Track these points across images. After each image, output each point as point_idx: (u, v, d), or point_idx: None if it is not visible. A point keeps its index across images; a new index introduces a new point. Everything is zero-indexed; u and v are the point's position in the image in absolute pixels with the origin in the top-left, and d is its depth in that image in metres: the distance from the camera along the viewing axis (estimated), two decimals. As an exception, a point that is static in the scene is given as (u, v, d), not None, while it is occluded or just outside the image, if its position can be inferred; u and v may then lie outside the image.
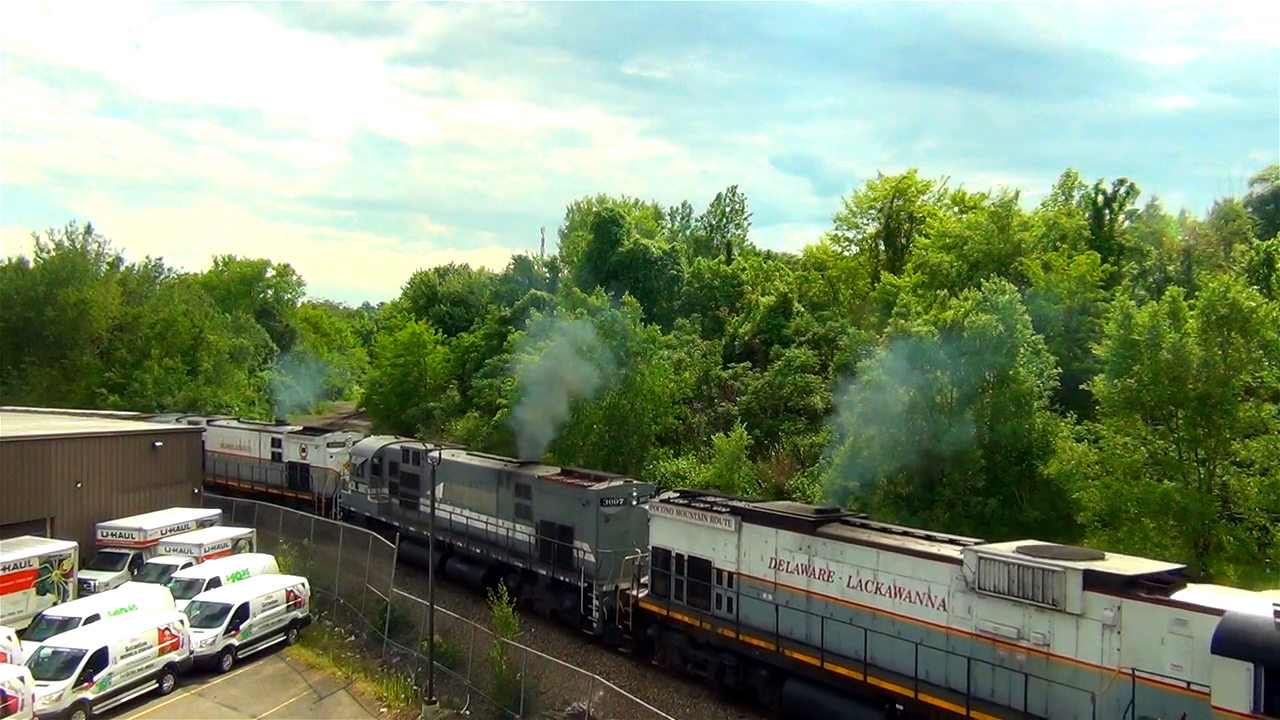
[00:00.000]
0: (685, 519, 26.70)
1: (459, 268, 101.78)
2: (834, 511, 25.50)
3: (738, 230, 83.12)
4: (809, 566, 23.37)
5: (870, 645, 21.56)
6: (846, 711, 22.13)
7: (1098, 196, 49.27)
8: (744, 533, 25.06)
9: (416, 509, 38.86)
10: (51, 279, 69.30)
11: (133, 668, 26.05)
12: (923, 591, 20.92)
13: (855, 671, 21.74)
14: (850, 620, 22.15)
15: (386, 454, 41.50)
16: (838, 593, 22.66)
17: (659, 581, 27.43)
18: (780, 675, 23.91)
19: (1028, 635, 19.01)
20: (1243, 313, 27.49)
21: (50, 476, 35.58)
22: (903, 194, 57.54)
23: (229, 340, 77.45)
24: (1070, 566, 18.52)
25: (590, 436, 45.54)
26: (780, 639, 23.73)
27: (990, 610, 19.62)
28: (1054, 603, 18.53)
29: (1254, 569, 27.81)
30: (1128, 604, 17.59)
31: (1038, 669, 18.72)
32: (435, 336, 72.69)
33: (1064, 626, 18.45)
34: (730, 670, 25.36)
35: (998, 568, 19.46)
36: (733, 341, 57.23)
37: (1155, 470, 28.60)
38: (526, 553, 33.10)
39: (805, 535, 23.59)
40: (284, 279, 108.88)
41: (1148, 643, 17.24)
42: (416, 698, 27.18)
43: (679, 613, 26.64)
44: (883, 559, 21.85)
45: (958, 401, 33.80)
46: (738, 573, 25.10)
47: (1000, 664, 19.38)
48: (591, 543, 30.11)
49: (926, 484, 34.08)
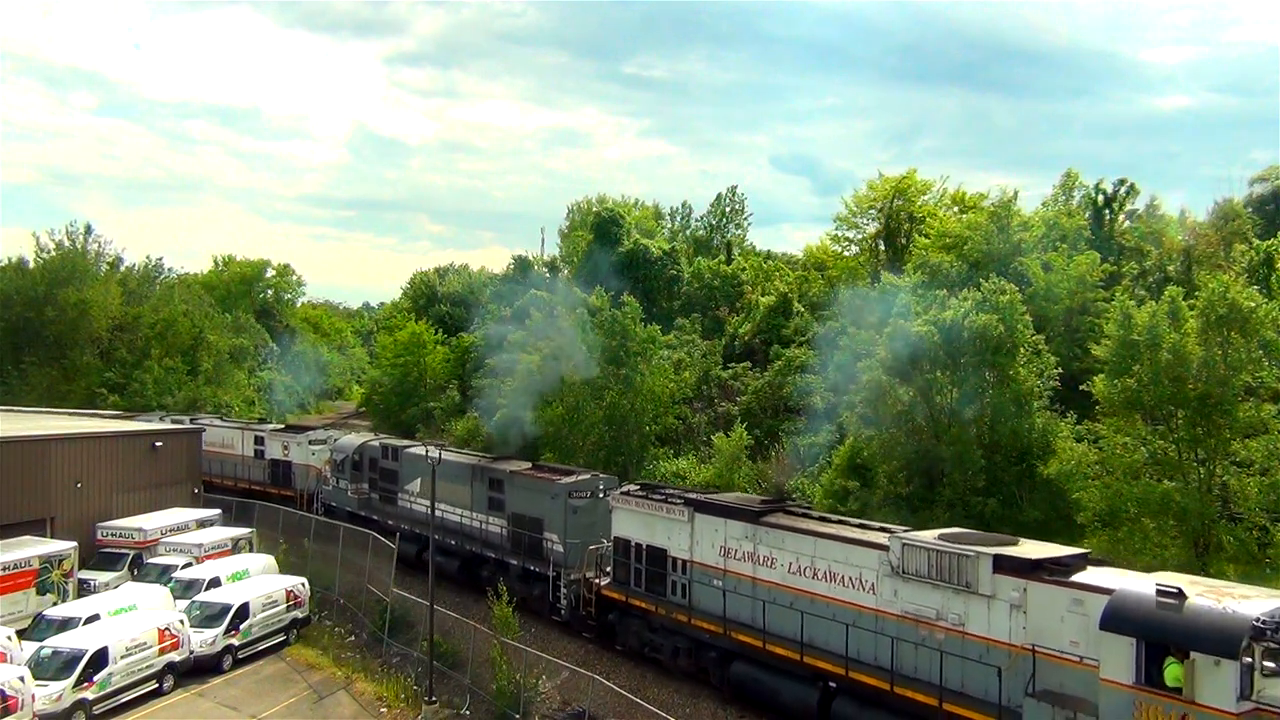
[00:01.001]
0: (644, 510, 28.06)
1: (459, 268, 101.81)
2: (779, 502, 27.38)
3: (738, 230, 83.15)
4: (754, 554, 24.80)
5: (807, 627, 22.99)
6: (786, 689, 23.52)
7: (1098, 196, 49.30)
8: (696, 522, 26.48)
9: (395, 503, 40.57)
10: (51, 279, 69.27)
11: (133, 668, 26.04)
12: (854, 576, 22.30)
13: (793, 652, 23.14)
14: (790, 604, 23.51)
15: (366, 451, 43.11)
16: (779, 578, 24.07)
17: (620, 570, 28.84)
18: (728, 657, 25.21)
19: (946, 616, 20.32)
20: (1242, 313, 27.47)
21: (50, 476, 35.56)
22: (903, 194, 57.54)
23: (229, 340, 77.47)
24: (982, 551, 19.88)
25: (590, 436, 45.55)
26: (728, 622, 25.11)
27: (913, 593, 20.95)
28: (968, 585, 19.87)
29: (1254, 569, 27.79)
30: (1032, 585, 18.87)
31: (954, 647, 19.99)
32: (435, 336, 72.69)
33: (977, 607, 19.77)
34: (683, 653, 26.72)
35: (919, 553, 20.85)
36: (733, 341, 57.24)
37: (1155, 470, 28.58)
38: (499, 544, 34.52)
39: (751, 524, 24.95)
40: (284, 279, 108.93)
41: (1049, 621, 18.48)
42: (416, 698, 27.17)
43: (637, 599, 28.04)
44: (819, 546, 23.22)
45: (958, 401, 33.81)
46: (691, 560, 26.57)
47: (922, 643, 20.62)
48: (560, 534, 31.60)
49: (926, 484, 34.07)
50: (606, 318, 47.65)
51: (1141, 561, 27.38)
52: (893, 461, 34.42)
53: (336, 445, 45.78)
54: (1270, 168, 51.12)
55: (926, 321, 34.36)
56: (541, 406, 47.33)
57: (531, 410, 46.23)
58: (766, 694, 24.16)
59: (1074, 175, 52.67)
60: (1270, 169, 50.98)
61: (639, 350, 46.61)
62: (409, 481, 40.18)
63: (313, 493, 46.59)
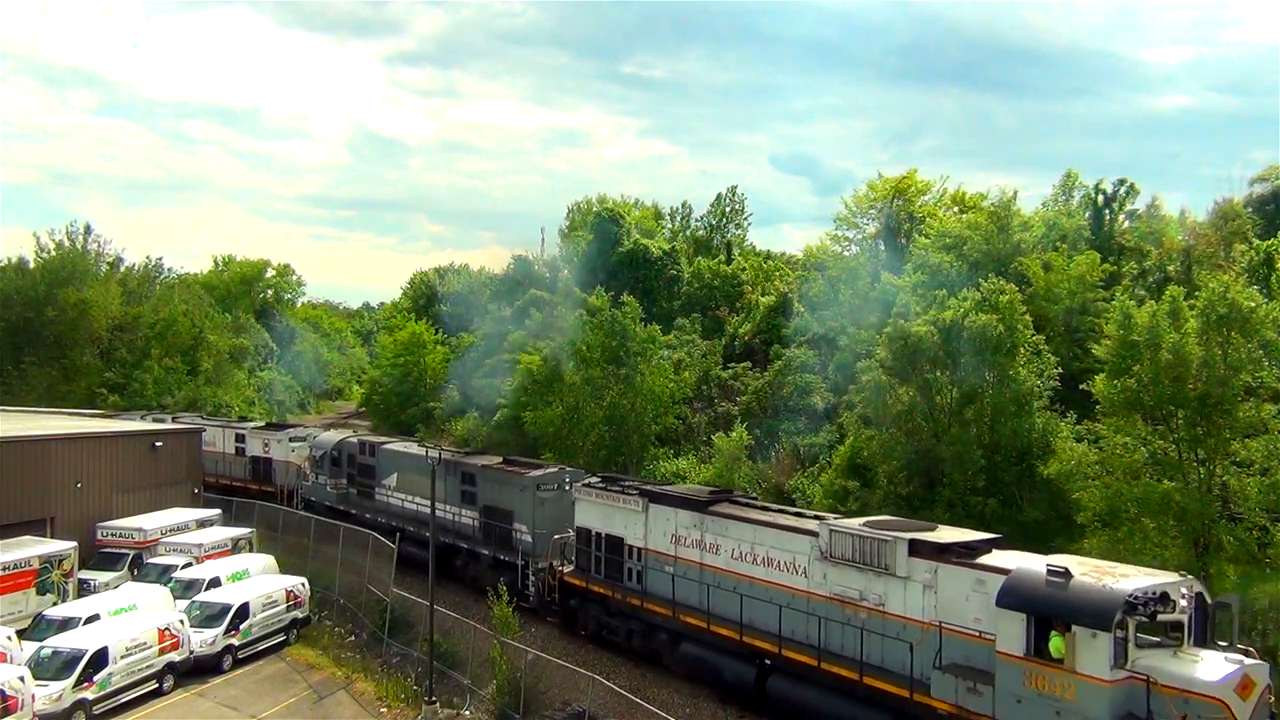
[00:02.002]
0: (604, 501, 29.69)
1: (459, 268, 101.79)
2: (726, 492, 29.11)
3: (738, 230, 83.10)
4: (702, 541, 26.39)
5: (746, 609, 24.47)
6: (727, 668, 25.12)
7: (1098, 196, 49.27)
8: (650, 512, 28.10)
9: (372, 497, 42.12)
10: (51, 279, 69.31)
11: (133, 668, 26.03)
12: (788, 561, 23.89)
13: (734, 632, 24.72)
14: (733, 588, 25.01)
15: (344, 447, 44.75)
16: (723, 564, 25.67)
17: (582, 558, 30.44)
18: (677, 638, 26.77)
19: (868, 596, 21.97)
20: (1243, 313, 27.45)
21: (50, 476, 35.56)
22: (903, 194, 57.54)
23: (229, 340, 77.45)
24: (899, 536, 21.49)
25: (590, 436, 45.56)
26: (676, 605, 26.73)
27: (840, 576, 22.60)
28: (887, 568, 21.53)
29: (1254, 569, 27.80)
30: (942, 567, 20.57)
31: (875, 625, 21.63)
32: (435, 336, 72.67)
33: (895, 588, 21.43)
34: (636, 635, 28.32)
35: (845, 539, 22.48)
36: (733, 341, 57.24)
37: (1155, 470, 28.55)
38: (471, 535, 36.09)
39: (699, 514, 26.59)
40: (284, 279, 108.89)
41: (955, 600, 20.15)
42: (416, 698, 27.16)
43: (597, 585, 29.62)
44: (758, 533, 24.79)
45: (957, 401, 33.82)
46: (645, 548, 28.18)
47: (848, 622, 22.21)
48: (529, 524, 33.19)
49: (926, 484, 34.07)
50: (606, 318, 47.64)
51: (1142, 562, 27.40)
52: (893, 461, 34.41)
53: (315, 442, 47.13)
54: (1270, 168, 51.11)
55: (926, 321, 34.36)
56: (541, 406, 47.45)
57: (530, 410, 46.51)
58: (711, 672, 25.66)
59: (1074, 175, 52.73)
60: (1270, 169, 50.96)
61: (639, 350, 46.62)
62: (385, 476, 41.59)
63: (293, 488, 47.74)
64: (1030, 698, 18.21)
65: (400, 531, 37.93)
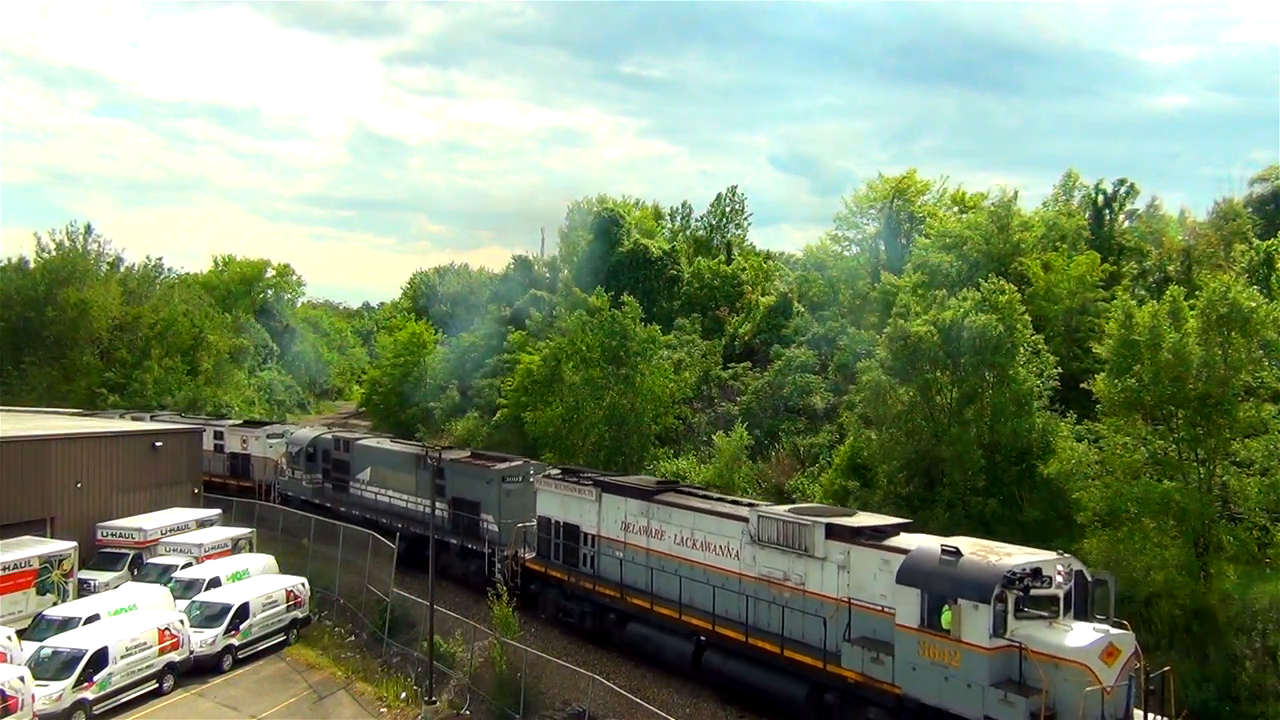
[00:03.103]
0: (562, 491, 31.29)
1: (459, 268, 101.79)
2: (672, 483, 31.35)
3: (738, 230, 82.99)
4: (648, 528, 28.02)
5: (685, 590, 26.19)
6: (668, 645, 26.76)
7: (1098, 196, 49.20)
8: (603, 501, 29.63)
9: (347, 491, 43.55)
10: (52, 279, 69.26)
11: (133, 668, 26.05)
12: (723, 545, 25.54)
13: (674, 612, 26.42)
14: (675, 571, 26.71)
15: (320, 443, 46.34)
16: (667, 548, 27.26)
17: (543, 545, 31.94)
18: (625, 618, 28.40)
19: (791, 576, 23.62)
20: (1243, 313, 27.42)
21: (50, 476, 35.56)
22: (902, 194, 57.49)
23: (229, 340, 77.42)
24: (817, 521, 23.22)
25: (590, 436, 45.55)
26: (624, 588, 28.37)
27: (767, 558, 24.24)
28: (807, 550, 23.18)
29: (1254, 569, 27.80)
30: (854, 549, 22.28)
31: (796, 603, 23.31)
32: (435, 336, 72.64)
33: (814, 568, 23.10)
34: (589, 616, 29.82)
35: (772, 524, 24.14)
36: (733, 341, 57.18)
37: (1155, 470, 28.52)
38: (440, 526, 36.48)
39: (646, 502, 28.17)
40: (284, 279, 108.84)
41: (865, 578, 21.91)
42: (416, 698, 27.18)
43: (555, 570, 31.20)
44: (697, 519, 26.45)
45: (957, 401, 33.80)
46: (598, 535, 29.75)
47: (773, 600, 23.86)
48: (495, 514, 34.78)
49: (926, 484, 34.06)
50: (606, 318, 47.62)
51: (1142, 562, 27.42)
52: (893, 461, 34.40)
53: (292, 439, 48.80)
54: (1270, 168, 51.08)
55: (926, 321, 34.34)
56: (541, 406, 47.45)
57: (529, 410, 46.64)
58: (654, 650, 27.34)
59: (1074, 175, 52.57)
60: (1270, 169, 50.94)
61: (639, 350, 46.59)
62: (360, 471, 43.10)
63: (270, 484, 48.81)
64: (924, 665, 19.99)
65: (373, 524, 39.31)
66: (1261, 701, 24.84)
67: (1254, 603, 27.03)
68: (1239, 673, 25.57)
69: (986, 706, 18.78)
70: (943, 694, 19.63)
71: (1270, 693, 24.88)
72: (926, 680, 19.92)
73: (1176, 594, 27.07)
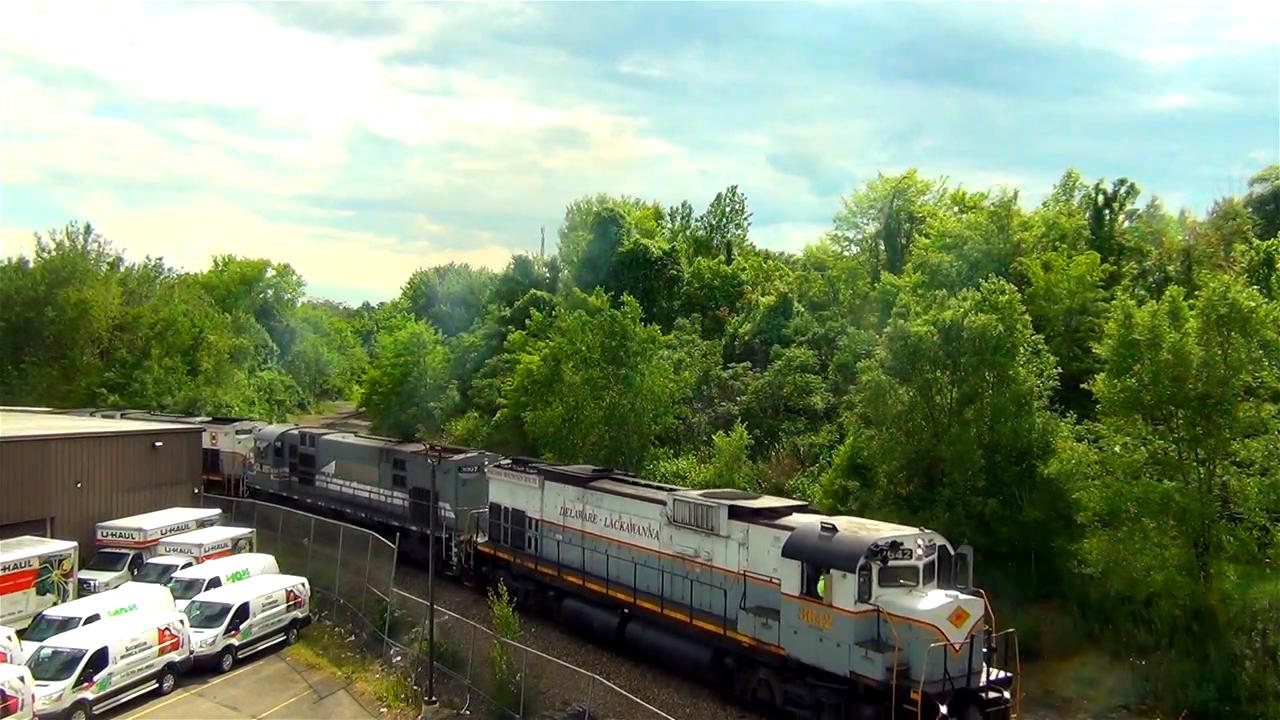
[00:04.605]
0: (511, 480, 33.84)
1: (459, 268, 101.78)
2: (607, 470, 33.59)
3: (738, 230, 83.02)
4: (584, 512, 30.47)
5: (612, 568, 28.71)
6: (597, 618, 29.45)
7: (1098, 196, 49.18)
8: (546, 488, 32.06)
9: (313, 484, 46.02)
10: (52, 279, 69.30)
11: (133, 668, 26.04)
12: (645, 526, 28.05)
13: (602, 587, 29.03)
14: (604, 551, 29.19)
15: (287, 438, 48.76)
16: (598, 530, 29.79)
17: (494, 530, 34.53)
18: (562, 595, 30.99)
19: (700, 553, 26.10)
20: (1243, 313, 27.39)
21: (50, 476, 35.55)
22: (902, 194, 57.49)
23: (229, 340, 77.41)
24: (721, 503, 25.83)
25: (590, 436, 45.53)
26: (561, 567, 30.99)
27: (681, 537, 26.73)
28: (713, 529, 25.66)
29: (1254, 569, 27.78)
30: (752, 527, 24.77)
31: (704, 577, 25.83)
32: (435, 336, 72.62)
33: (719, 545, 25.56)
34: (532, 594, 32.16)
35: (685, 506, 26.71)
36: (733, 341, 57.15)
37: (1155, 470, 28.50)
38: (401, 514, 40.25)
39: (582, 488, 30.68)
40: (284, 279, 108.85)
41: (760, 553, 24.36)
42: (416, 698, 27.17)
43: (503, 552, 33.82)
44: (624, 504, 28.98)
45: (957, 401, 33.78)
46: (541, 519, 32.20)
47: (685, 575, 26.28)
48: (452, 502, 37.00)
49: (926, 484, 34.06)
50: (606, 318, 47.61)
51: (1142, 562, 27.42)
52: (893, 461, 34.38)
53: (260, 434, 51.17)
54: (1270, 167, 51.07)
55: (926, 321, 34.33)
56: (541, 406, 47.40)
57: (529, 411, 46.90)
58: (586, 623, 29.91)
59: (1074, 175, 52.60)
60: (1270, 169, 50.92)
61: (639, 350, 46.57)
62: (325, 465, 45.59)
63: (239, 478, 50.72)
64: (803, 628, 22.64)
65: (339, 515, 41.50)
66: (1261, 701, 24.83)
67: (1254, 603, 27.03)
68: (1239, 673, 25.56)
69: (852, 663, 21.49)
70: (818, 654, 22.28)
71: (1270, 693, 24.88)
72: (805, 642, 22.60)
73: (1176, 594, 27.07)
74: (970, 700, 20.82)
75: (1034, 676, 28.49)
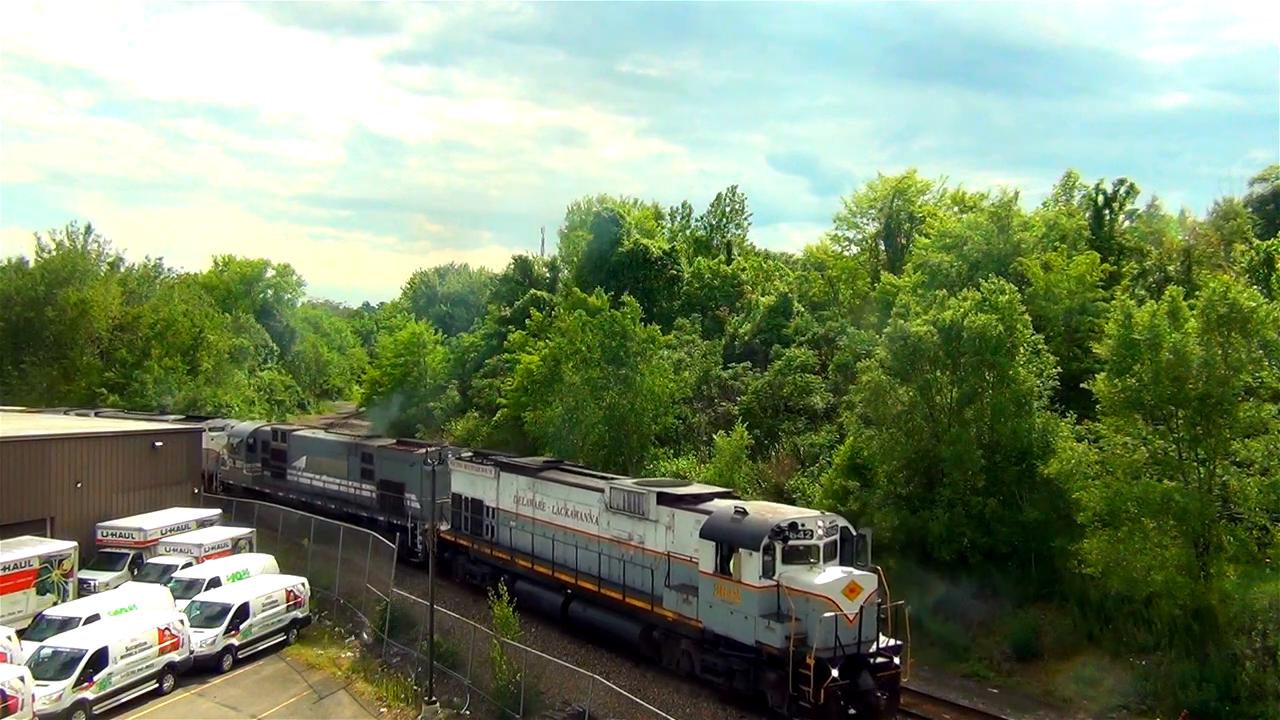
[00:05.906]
0: (471, 471, 35.95)
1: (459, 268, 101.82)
2: (557, 462, 35.84)
3: (738, 230, 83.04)
4: (534, 500, 32.51)
5: (558, 551, 30.87)
6: (544, 598, 31.56)
7: (1098, 196, 49.16)
8: (501, 479, 34.16)
9: (284, 478, 47.83)
10: (52, 279, 69.22)
11: (133, 668, 26.06)
12: (586, 512, 30.11)
13: (548, 570, 31.19)
14: (551, 536, 31.28)
15: (259, 435, 51.03)
16: (546, 517, 31.83)
17: (456, 518, 36.53)
18: (515, 578, 32.51)
19: (633, 537, 28.19)
20: (1243, 313, 27.38)
21: (50, 476, 35.56)
22: (902, 194, 57.48)
23: (229, 340, 77.40)
24: (651, 490, 28.09)
25: (590, 436, 45.52)
26: (514, 552, 33.10)
27: (617, 522, 28.77)
28: (644, 514, 27.79)
29: (1254, 569, 27.76)
30: (677, 512, 26.80)
31: (636, 559, 27.97)
32: (435, 336, 72.60)
33: (649, 529, 27.68)
34: (488, 578, 33.49)
35: (620, 494, 28.84)
36: (733, 341, 57.13)
37: (1155, 470, 28.48)
38: (370, 505, 42.18)
39: (533, 478, 32.74)
40: (284, 279, 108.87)
41: (683, 536, 26.38)
42: (416, 698, 27.17)
43: (464, 539, 35.98)
44: (569, 492, 31.07)
45: (957, 401, 33.76)
46: (497, 508, 34.30)
47: (620, 557, 28.38)
48: (418, 493, 38.87)
49: (926, 484, 34.05)
50: (606, 318, 47.60)
51: (1142, 562, 27.42)
52: (893, 461, 34.37)
53: (233, 431, 52.97)
54: (1270, 167, 51.10)
55: (926, 321, 34.32)
56: (541, 406, 47.43)
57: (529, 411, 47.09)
58: (534, 603, 31.47)
59: (1074, 175, 52.60)
60: (1270, 169, 50.95)
61: (639, 350, 46.55)
62: (296, 459, 47.40)
63: (213, 473, 51.13)
64: (717, 603, 24.81)
65: (310, 507, 43.29)
66: (1261, 701, 24.82)
67: (1254, 603, 26.99)
68: (1239, 673, 25.55)
69: (757, 633, 23.71)
70: (729, 626, 24.49)
71: (1270, 693, 24.86)
72: (719, 615, 24.78)
73: (1176, 594, 27.06)
74: (862, 665, 22.97)
75: (1034, 676, 28.56)
